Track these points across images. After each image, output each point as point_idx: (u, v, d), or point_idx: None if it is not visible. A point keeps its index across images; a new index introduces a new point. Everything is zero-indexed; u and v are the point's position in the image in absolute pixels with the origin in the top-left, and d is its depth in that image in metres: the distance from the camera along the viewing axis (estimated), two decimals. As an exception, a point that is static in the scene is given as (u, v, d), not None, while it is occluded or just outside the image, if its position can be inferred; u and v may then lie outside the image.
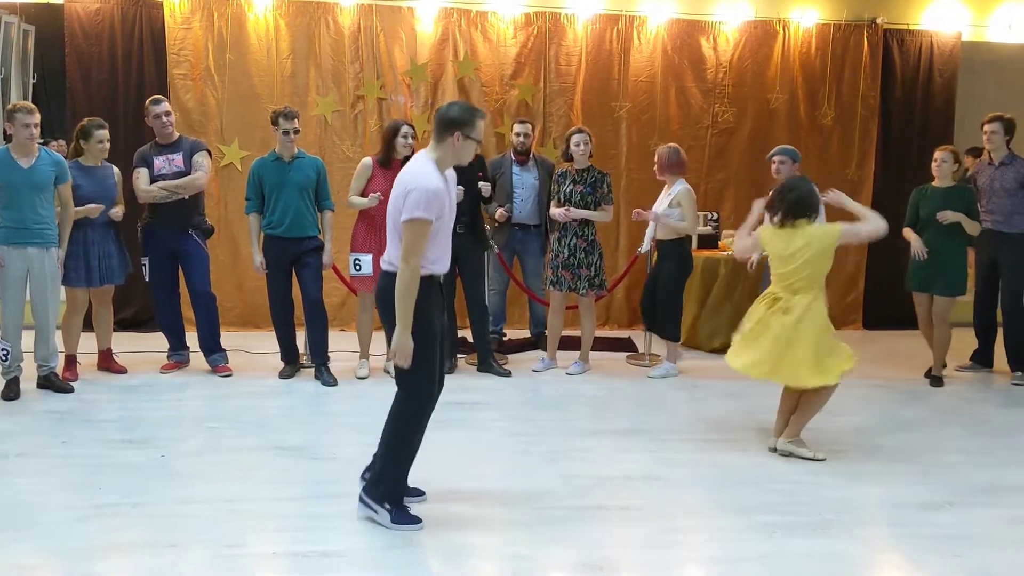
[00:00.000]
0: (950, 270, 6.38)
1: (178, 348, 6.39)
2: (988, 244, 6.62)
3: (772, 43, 8.22)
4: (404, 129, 6.09)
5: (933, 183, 6.49)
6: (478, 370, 6.43)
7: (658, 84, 8.11)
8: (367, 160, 6.19)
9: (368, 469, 4.05)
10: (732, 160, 8.26)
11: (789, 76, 8.27)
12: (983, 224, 6.53)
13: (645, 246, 6.82)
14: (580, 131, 6.35)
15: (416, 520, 3.82)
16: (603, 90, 8.07)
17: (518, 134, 6.90)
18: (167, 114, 6.13)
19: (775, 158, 6.42)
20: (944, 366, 6.63)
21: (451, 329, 4.04)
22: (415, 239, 3.58)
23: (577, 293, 6.43)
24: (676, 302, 6.57)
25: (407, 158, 6.14)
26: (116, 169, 6.11)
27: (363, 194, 6.08)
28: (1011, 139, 6.57)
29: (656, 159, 6.49)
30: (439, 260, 3.76)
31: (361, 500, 3.89)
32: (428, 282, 3.71)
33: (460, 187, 6.24)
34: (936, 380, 6.57)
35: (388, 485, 3.83)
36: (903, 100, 8.45)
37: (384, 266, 3.79)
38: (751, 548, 3.75)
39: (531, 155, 7.00)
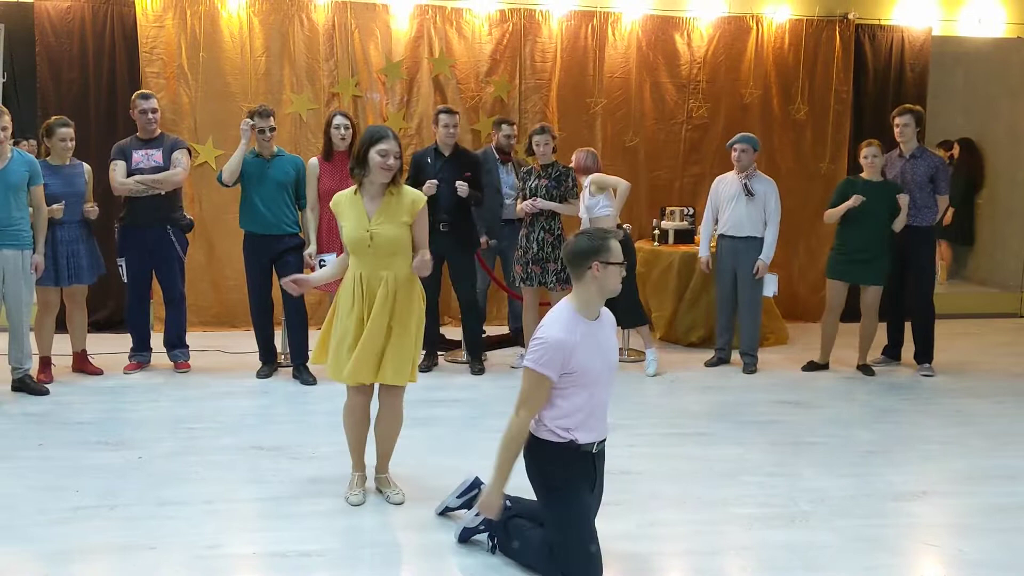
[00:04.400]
0: (877, 260, 6.44)
1: (141, 349, 6.35)
2: (896, 238, 6.59)
3: (745, 39, 8.27)
4: (337, 120, 6.06)
5: (862, 175, 6.51)
6: (472, 373, 6.45)
7: (633, 80, 8.14)
8: (313, 160, 6.17)
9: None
10: (706, 155, 8.29)
11: (762, 71, 8.32)
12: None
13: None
14: (542, 132, 6.35)
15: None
16: (578, 86, 8.08)
17: (508, 136, 6.93)
18: (153, 111, 6.12)
19: (736, 146, 6.48)
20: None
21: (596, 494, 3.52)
22: (529, 390, 3.27)
23: (546, 287, 6.45)
24: (632, 292, 6.57)
25: (350, 147, 6.12)
26: (87, 166, 6.06)
27: (318, 193, 6.04)
28: (922, 131, 6.55)
29: (576, 162, 6.48)
30: (583, 426, 3.30)
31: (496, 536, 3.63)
32: (565, 449, 3.29)
33: (463, 183, 6.24)
34: (868, 369, 6.67)
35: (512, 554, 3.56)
36: (875, 94, 8.52)
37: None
38: (729, 540, 3.78)
39: (511, 155, 7.04)
